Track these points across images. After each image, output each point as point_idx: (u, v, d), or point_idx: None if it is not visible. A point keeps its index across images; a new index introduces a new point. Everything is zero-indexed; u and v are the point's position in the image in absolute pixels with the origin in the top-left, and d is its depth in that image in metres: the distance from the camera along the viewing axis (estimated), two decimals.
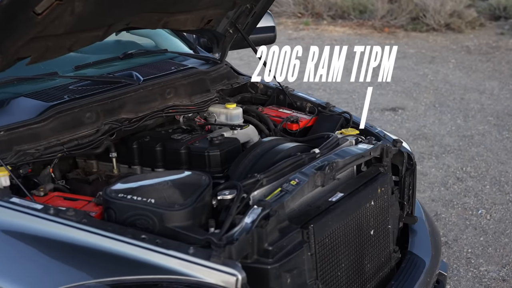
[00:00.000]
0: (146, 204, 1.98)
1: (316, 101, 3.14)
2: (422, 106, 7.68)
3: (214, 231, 1.99)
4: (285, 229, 2.08)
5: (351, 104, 7.79)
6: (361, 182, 2.48)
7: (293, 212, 2.24)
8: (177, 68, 2.97)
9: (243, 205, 2.07)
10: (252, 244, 1.97)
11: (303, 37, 11.68)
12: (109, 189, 2.05)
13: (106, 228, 1.93)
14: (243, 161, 2.40)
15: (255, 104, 3.29)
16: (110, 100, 2.58)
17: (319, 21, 12.93)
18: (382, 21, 12.09)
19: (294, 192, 2.16)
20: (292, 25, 12.73)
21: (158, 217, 1.97)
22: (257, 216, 2.00)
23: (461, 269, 4.25)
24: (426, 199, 5.26)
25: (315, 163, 2.33)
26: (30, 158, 2.31)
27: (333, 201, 2.32)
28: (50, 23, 2.16)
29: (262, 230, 1.98)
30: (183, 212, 1.99)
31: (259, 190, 2.17)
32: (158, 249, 1.88)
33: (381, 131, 2.90)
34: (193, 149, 2.53)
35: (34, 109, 2.42)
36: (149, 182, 2.13)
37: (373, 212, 2.48)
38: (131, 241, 1.90)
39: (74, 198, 2.20)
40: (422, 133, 6.78)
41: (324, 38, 11.57)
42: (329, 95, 8.15)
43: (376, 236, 2.51)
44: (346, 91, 8.32)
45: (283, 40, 11.43)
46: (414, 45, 10.91)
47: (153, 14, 2.65)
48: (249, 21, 3.24)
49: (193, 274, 1.85)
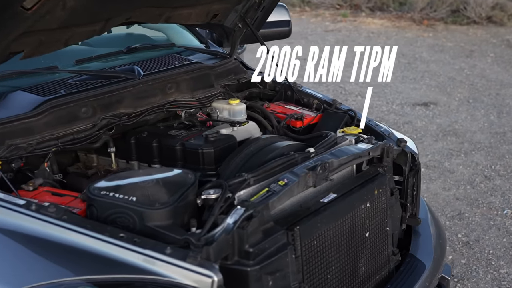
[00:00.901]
0: (127, 202, 1.97)
1: (323, 97, 3.08)
2: (455, 101, 7.52)
3: (195, 231, 1.97)
4: (269, 231, 2.04)
5: (382, 98, 7.67)
6: (357, 183, 2.42)
7: (284, 213, 2.21)
8: (180, 63, 2.94)
9: (228, 205, 2.04)
10: (232, 245, 1.94)
11: (340, 29, 11.55)
12: (92, 186, 2.05)
13: (85, 225, 1.93)
14: (235, 159, 2.36)
15: (263, 99, 3.25)
16: (108, 94, 2.57)
17: (358, 13, 12.77)
18: (422, 14, 11.88)
19: (281, 193, 2.11)
20: (330, 16, 12.61)
21: (139, 215, 1.95)
22: (239, 216, 1.97)
23: (480, 271, 4.15)
24: (450, 198, 5.15)
25: (308, 163, 2.29)
26: (23, 152, 2.32)
27: (324, 202, 2.27)
28: (41, 18, 2.15)
29: (243, 231, 1.94)
30: (164, 211, 1.97)
31: (246, 190, 2.14)
32: (135, 248, 1.86)
33: (386, 130, 2.83)
34: (188, 146, 2.51)
35: (30, 103, 2.42)
36: (134, 180, 2.12)
37: (369, 213, 2.42)
38: (108, 239, 1.89)
39: (61, 194, 2.20)
40: (452, 129, 6.63)
41: (361, 31, 11.42)
42: (361, 89, 8.04)
43: (372, 238, 2.46)
44: (379, 84, 8.20)
45: (319, 32, 11.35)
46: (452, 38, 10.69)
47: (154, 8, 2.63)
48: (259, 15, 3.19)
49: (168, 274, 1.84)
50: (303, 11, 13.15)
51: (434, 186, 5.37)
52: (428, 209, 3.00)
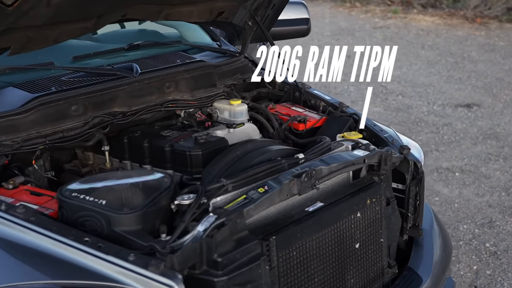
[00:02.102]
0: (95, 206, 1.93)
1: (330, 100, 2.98)
2: (500, 104, 7.25)
3: (165, 237, 1.91)
4: (243, 240, 1.96)
5: (423, 98, 7.47)
6: (348, 192, 2.32)
7: (264, 222, 2.13)
8: (182, 61, 2.88)
9: (202, 212, 1.97)
10: (200, 254, 1.88)
11: (389, 26, 11.31)
12: (64, 188, 2.01)
13: (51, 228, 1.89)
14: (219, 163, 2.29)
15: (272, 100, 3.16)
16: (100, 93, 2.54)
17: (409, 9, 12.48)
18: (475, 11, 11.52)
19: (259, 201, 2.03)
20: (380, 13, 12.36)
21: (106, 219, 1.91)
22: (210, 224, 1.91)
23: (506, 283, 3.98)
24: (483, 204, 4.96)
25: (294, 170, 2.20)
26: (9, 149, 2.30)
27: (309, 211, 2.18)
28: (24, 14, 2.12)
29: (211, 240, 1.88)
30: (132, 216, 1.92)
31: (224, 196, 2.06)
32: (98, 254, 1.82)
33: (390, 136, 2.70)
34: (176, 148, 2.45)
35: (19, 99, 2.40)
36: (110, 182, 2.07)
37: (360, 224, 2.32)
38: (72, 243, 1.85)
39: (40, 193, 2.17)
40: (494, 132, 6.39)
41: (410, 28, 11.15)
42: (403, 88, 7.85)
43: (363, 250, 2.35)
44: (422, 84, 7.99)
45: (367, 29, 11.15)
46: (505, 37, 10.32)
47: (150, 5, 2.58)
48: (269, 13, 3.11)
49: (129, 282, 1.79)
50: (353, 7, 12.94)
51: (467, 191, 5.18)
52: (435, 218, 2.87)
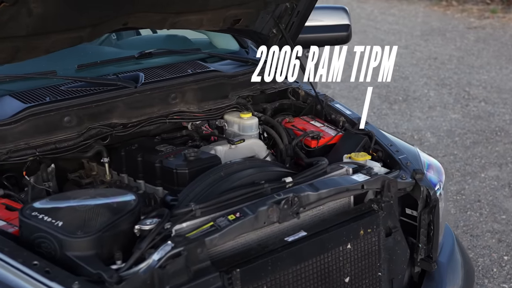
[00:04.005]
0: (50, 227, 1.84)
1: (350, 115, 2.77)
2: None
3: (120, 264, 1.80)
4: (202, 272, 1.82)
5: (508, 106, 6.99)
6: (338, 221, 2.12)
7: (236, 251, 1.98)
8: (193, 71, 2.76)
9: (162, 238, 1.85)
10: (152, 285, 1.76)
11: (484, 26, 10.71)
12: (26, 206, 1.94)
13: (2, 249, 1.82)
14: (200, 184, 2.15)
15: (296, 112, 2.99)
16: (96, 104, 2.46)
17: (510, 8, 11.79)
18: None
19: (227, 229, 1.89)
20: (477, 12, 11.74)
21: (59, 242, 1.82)
22: (165, 253, 1.78)
23: None
24: None
25: (276, 195, 2.03)
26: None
27: (287, 242, 2.01)
28: (3, 25, 2.08)
29: (163, 271, 1.75)
30: (85, 240, 1.82)
31: (191, 222, 1.93)
32: (42, 280, 1.74)
33: (406, 158, 2.47)
34: (165, 164, 2.33)
35: (11, 109, 2.36)
36: (74, 202, 1.98)
37: (351, 256, 2.12)
38: (20, 266, 1.78)
39: (15, 208, 2.12)
40: None
41: (508, 29, 10.51)
42: (488, 93, 7.39)
43: (355, 284, 2.15)
44: (510, 90, 7.50)
45: (461, 29, 10.62)
46: None
47: (152, 14, 2.47)
48: (294, 20, 2.93)
49: None
50: (449, 5, 12.36)
51: None
52: (459, 248, 2.60)
